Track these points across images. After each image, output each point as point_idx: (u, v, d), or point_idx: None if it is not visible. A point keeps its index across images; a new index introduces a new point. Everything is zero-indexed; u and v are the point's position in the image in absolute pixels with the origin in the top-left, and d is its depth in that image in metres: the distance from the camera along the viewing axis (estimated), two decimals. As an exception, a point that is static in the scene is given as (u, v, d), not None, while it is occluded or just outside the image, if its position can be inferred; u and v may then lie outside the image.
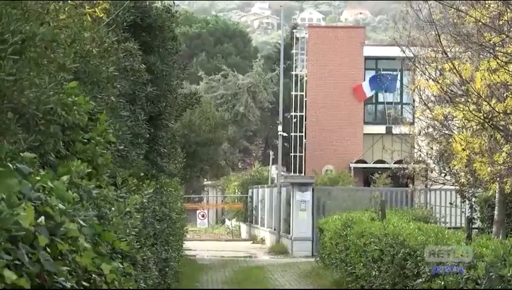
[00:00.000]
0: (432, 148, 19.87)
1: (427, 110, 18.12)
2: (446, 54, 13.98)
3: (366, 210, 18.63)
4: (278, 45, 43.21)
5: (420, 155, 22.11)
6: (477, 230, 14.84)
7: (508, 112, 12.39)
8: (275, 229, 28.16)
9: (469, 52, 14.27)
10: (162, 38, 12.99)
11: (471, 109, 13.16)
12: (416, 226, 13.70)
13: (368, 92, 33.38)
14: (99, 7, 8.35)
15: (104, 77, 7.77)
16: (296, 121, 35.00)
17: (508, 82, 12.38)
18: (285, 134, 32.46)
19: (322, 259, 20.56)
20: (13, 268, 3.24)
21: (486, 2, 12.52)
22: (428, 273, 10.87)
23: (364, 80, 33.49)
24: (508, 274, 8.59)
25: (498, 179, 14.92)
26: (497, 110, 12.20)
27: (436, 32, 13.92)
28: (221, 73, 43.54)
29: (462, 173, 17.31)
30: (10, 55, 5.25)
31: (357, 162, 33.15)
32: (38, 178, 4.20)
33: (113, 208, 5.93)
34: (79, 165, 5.38)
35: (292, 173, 33.78)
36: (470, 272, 9.96)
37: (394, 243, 13.07)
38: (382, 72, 32.96)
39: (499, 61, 11.95)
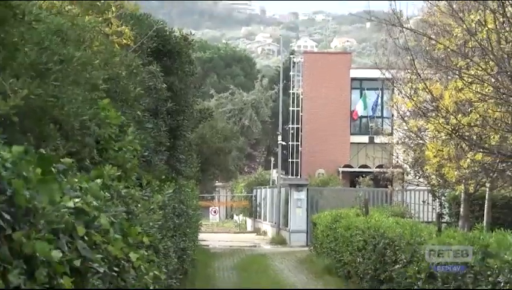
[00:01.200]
0: (407, 155, 20.83)
1: (403, 123, 19.18)
2: (419, 75, 14.92)
3: (352, 207, 19.58)
4: (278, 68, 46.27)
5: (398, 161, 23.38)
6: (445, 224, 15.83)
7: (472, 124, 13.24)
8: (275, 223, 30.55)
9: (439, 74, 15.32)
10: (180, 62, 14.06)
11: (440, 122, 14.03)
12: (394, 221, 14.57)
13: (361, 112, 36.38)
14: (126, 36, 8.76)
15: (132, 95, 8.37)
16: (293, 132, 37.62)
17: (472, 99, 13.30)
18: (283, 143, 35.23)
19: (315, 248, 21.98)
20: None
21: (454, 31, 13.36)
22: (405, 260, 11.75)
23: (350, 98, 36.71)
24: (475, 262, 9.28)
25: (463, 181, 16.23)
26: (462, 123, 13.11)
27: (411, 57, 14.75)
28: (229, 91, 47.20)
29: (433, 176, 18.36)
30: (52, 81, 5.51)
31: (345, 166, 35.62)
32: (75, 180, 4.50)
33: (139, 205, 6.40)
34: (110, 170, 5.75)
35: (290, 176, 35.85)
36: (439, 258, 10.84)
37: (376, 235, 13.94)
38: (366, 92, 36.08)
39: (464, 81, 12.86)
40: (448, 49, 13.41)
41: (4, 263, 3.00)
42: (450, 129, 13.98)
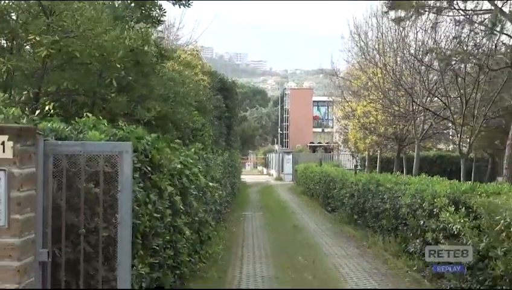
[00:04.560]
0: (340, 137, 33.00)
1: (338, 122, 31.06)
2: (345, 99, 23.99)
3: (314, 162, 30.81)
4: (278, 96, 74.48)
5: (335, 140, 40.26)
6: (359, 170, 21.28)
7: (371, 122, 21.98)
8: (277, 170, 48.06)
9: (355, 98, 23.54)
10: (231, 93, 21.33)
11: (355, 122, 23.04)
12: (334, 168, 21.75)
13: (319, 116, 60.67)
14: (205, 82, 13.11)
15: (208, 109, 12.52)
16: (286, 126, 62.31)
17: (370, 111, 21.66)
18: (281, 132, 61.88)
19: (296, 182, 34.20)
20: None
21: (361, 77, 22.69)
22: (338, 187, 16.84)
23: (313, 110, 60.44)
24: (372, 187, 12.49)
25: (367, 149, 25.46)
26: (366, 121, 22.10)
27: (342, 91, 24.32)
28: (255, 108, 76.36)
29: (352, 147, 28.29)
30: (171, 102, 7.95)
31: (310, 143, 57.29)
32: (182, 150, 6.90)
33: (212, 161, 9.44)
34: (198, 146, 8.39)
35: (283, 147, 56.02)
36: (353, 188, 14.44)
37: (325, 175, 20.33)
38: (320, 107, 59.48)
39: (366, 102, 21.86)
40: (359, 86, 22.28)
41: (148, 190, 5.15)
42: (360, 125, 22.24)
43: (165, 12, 8.68)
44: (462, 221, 7.36)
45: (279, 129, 61.72)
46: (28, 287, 3.35)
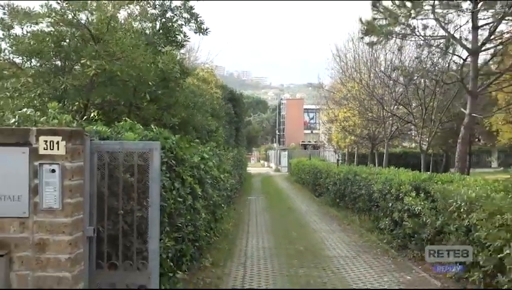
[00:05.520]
0: (325, 137, 33.01)
1: (324, 125, 30.38)
2: (329, 107, 24.37)
3: (304, 157, 31.13)
4: (276, 105, 75.59)
5: (322, 140, 39.70)
6: (340, 163, 21.46)
7: (349, 125, 22.03)
8: (275, 164, 46.86)
9: (337, 106, 23.46)
10: (238, 102, 21.56)
11: (337, 125, 23.49)
12: (321, 162, 22.18)
13: (308, 121, 60.13)
14: (218, 93, 13.08)
15: (221, 115, 12.30)
16: (283, 129, 62.10)
17: (349, 116, 21.71)
18: (278, 133, 61.48)
19: (291, 173, 32.73)
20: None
21: (342, 90, 22.50)
22: (324, 176, 16.68)
23: (304, 117, 60.28)
24: (351, 177, 12.34)
25: (347, 147, 26.25)
26: (346, 125, 22.11)
27: (326, 100, 24.90)
28: (257, 114, 75.65)
29: (335, 145, 29.10)
30: (191, 110, 7.91)
31: (302, 142, 55.75)
32: (199, 148, 6.92)
33: (223, 156, 9.40)
34: (212, 144, 8.35)
35: (281, 145, 56.07)
36: (336, 177, 14.23)
37: (313, 167, 20.20)
38: (309, 113, 59.08)
39: (346, 109, 21.94)
40: (340, 97, 22.42)
41: (173, 179, 5.22)
42: (341, 127, 22.57)
43: (188, 38, 8.70)
44: (422, 203, 7.38)
45: (277, 131, 61.72)
46: (78, 258, 3.38)
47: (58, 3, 6.90)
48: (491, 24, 13.59)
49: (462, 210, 6.01)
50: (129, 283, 3.67)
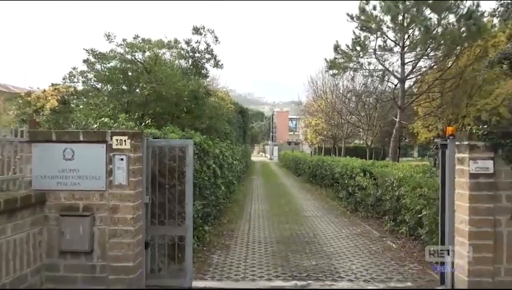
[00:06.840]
0: (304, 137, 30.91)
1: (302, 129, 30.29)
2: (306, 117, 24.32)
3: (289, 150, 31.91)
4: (270, 116, 70.96)
5: (300, 139, 36.44)
6: (313, 154, 21.82)
7: (320, 128, 21.78)
8: (270, 155, 45.35)
9: (311, 116, 23.22)
10: (245, 114, 20.74)
11: (311, 129, 23.35)
12: (300, 153, 22.37)
13: (291, 126, 56.92)
14: (231, 108, 12.71)
15: (234, 122, 12.85)
16: (274, 131, 58.53)
17: (319, 123, 21.47)
18: (271, 134, 57.79)
19: (280, 161, 31.96)
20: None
21: (315, 104, 22.04)
22: (304, 166, 15.80)
23: (289, 124, 56.79)
24: (320, 163, 12.23)
25: (318, 143, 25.36)
26: (318, 128, 22.00)
27: (304, 113, 25.04)
28: (257, 122, 70.59)
29: (309, 142, 27.58)
30: (223, 120, 7.90)
31: (288, 140, 50.66)
32: (219, 144, 6.96)
33: (235, 149, 9.30)
34: (228, 142, 8.54)
35: (273, 142, 52.47)
36: (310, 163, 14.30)
37: (295, 157, 19.87)
38: (292, 121, 55.52)
39: (318, 118, 21.55)
40: (313, 110, 21.93)
41: (201, 165, 5.00)
42: (314, 130, 22.70)
43: (208, 72, 8.82)
44: (367, 181, 7.38)
45: (270, 133, 61.29)
46: (139, 217, 3.34)
47: (122, 47, 7.09)
48: (413, 61, 13.89)
49: (394, 185, 5.98)
50: (173, 234, 3.60)
